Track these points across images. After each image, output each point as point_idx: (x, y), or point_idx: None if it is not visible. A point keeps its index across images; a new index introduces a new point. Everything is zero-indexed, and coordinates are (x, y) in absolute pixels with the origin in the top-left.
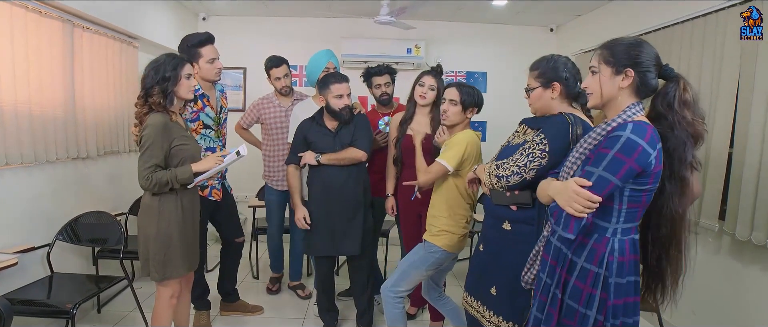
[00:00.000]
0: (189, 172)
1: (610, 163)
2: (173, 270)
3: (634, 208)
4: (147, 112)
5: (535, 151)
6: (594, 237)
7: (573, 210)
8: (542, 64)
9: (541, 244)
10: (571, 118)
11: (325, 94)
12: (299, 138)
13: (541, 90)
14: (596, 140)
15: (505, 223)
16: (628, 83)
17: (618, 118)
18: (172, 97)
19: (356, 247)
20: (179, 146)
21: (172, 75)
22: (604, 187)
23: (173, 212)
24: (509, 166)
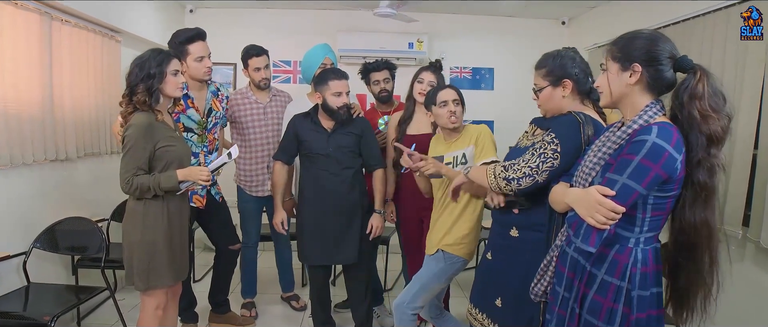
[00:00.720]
0: (173, 180)
1: (635, 170)
2: (158, 279)
3: (658, 216)
4: (132, 111)
5: (546, 152)
6: (615, 248)
7: (595, 221)
8: (549, 61)
9: (553, 254)
10: (581, 117)
11: (323, 91)
12: (290, 134)
13: (550, 89)
14: (617, 144)
15: (513, 230)
16: (636, 79)
17: (639, 119)
18: (157, 95)
19: (353, 255)
20: (165, 148)
21: (157, 72)
22: (629, 196)
23: (158, 218)
24: (520, 168)
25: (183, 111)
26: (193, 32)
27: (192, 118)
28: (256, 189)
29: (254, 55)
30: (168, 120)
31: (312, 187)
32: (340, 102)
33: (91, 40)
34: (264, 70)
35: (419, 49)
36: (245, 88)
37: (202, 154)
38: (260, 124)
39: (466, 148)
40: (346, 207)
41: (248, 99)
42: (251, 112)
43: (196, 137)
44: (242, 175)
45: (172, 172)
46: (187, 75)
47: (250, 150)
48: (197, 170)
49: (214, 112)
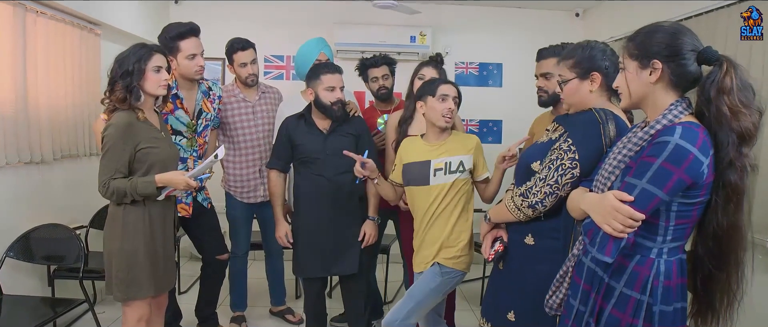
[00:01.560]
0: (151, 186)
1: (655, 174)
2: (138, 290)
3: (683, 225)
4: (114, 109)
5: (564, 163)
6: (636, 258)
7: (611, 229)
8: (578, 51)
9: (569, 264)
10: (602, 115)
11: (315, 86)
12: (283, 137)
13: (577, 82)
14: (638, 145)
15: (528, 237)
16: (657, 77)
17: (662, 119)
18: (137, 93)
19: (352, 265)
20: (147, 150)
21: (136, 68)
22: (649, 203)
23: (139, 224)
24: (540, 189)
25: (171, 112)
26: (186, 28)
27: (180, 120)
28: (247, 195)
29: (239, 49)
30: (153, 119)
31: (308, 194)
32: (334, 97)
33: (69, 34)
34: (250, 65)
35: (422, 43)
36: (231, 85)
37: (191, 159)
38: (249, 125)
39: (464, 156)
40: (345, 215)
41: (235, 97)
42: (239, 111)
43: (185, 141)
44: (231, 181)
45: (150, 176)
46: (177, 73)
47: (239, 153)
48: (178, 176)
49: (205, 113)
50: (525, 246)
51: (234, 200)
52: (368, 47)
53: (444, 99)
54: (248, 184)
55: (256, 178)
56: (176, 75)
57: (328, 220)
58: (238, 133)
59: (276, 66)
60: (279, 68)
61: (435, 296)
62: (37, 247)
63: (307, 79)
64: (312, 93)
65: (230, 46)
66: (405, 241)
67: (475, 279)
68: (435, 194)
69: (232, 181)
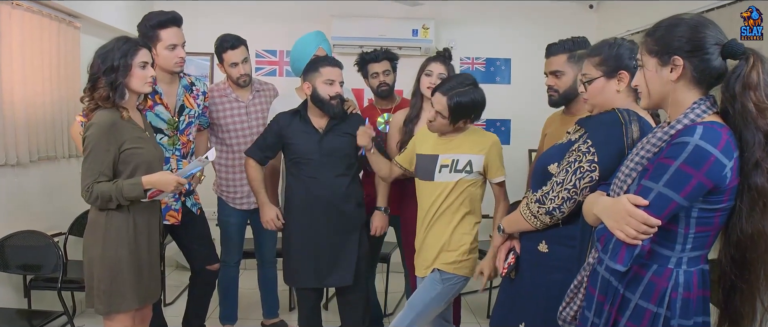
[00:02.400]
0: (138, 188)
1: (672, 176)
2: (122, 302)
3: (704, 233)
4: (95, 108)
5: (583, 166)
6: (652, 268)
7: (624, 235)
8: (605, 48)
9: (584, 274)
10: (625, 116)
11: (313, 79)
12: (273, 131)
13: (603, 81)
14: (657, 146)
15: (542, 244)
16: (678, 74)
17: (684, 118)
18: (122, 90)
19: (348, 276)
20: (131, 150)
21: (121, 63)
22: (665, 208)
23: (123, 231)
24: (557, 194)
25: (150, 108)
26: (168, 16)
27: (161, 117)
28: (240, 201)
29: (229, 48)
30: (137, 118)
31: (301, 198)
32: (333, 91)
33: (46, 27)
34: (242, 64)
35: (425, 36)
36: (223, 83)
37: (173, 159)
38: (243, 126)
39: (473, 155)
40: (341, 221)
41: (227, 97)
42: (232, 112)
43: (167, 139)
44: (224, 185)
45: (137, 178)
46: (156, 65)
47: (232, 156)
48: (167, 176)
49: (188, 109)
50: (538, 254)
51: (227, 206)
52: (367, 42)
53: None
54: (242, 189)
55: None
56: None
57: (323, 226)
58: (230, 135)
59: (269, 62)
60: (271, 64)
61: (437, 305)
62: (13, 256)
63: (305, 72)
64: (309, 87)
65: (219, 44)
66: (406, 248)
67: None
68: (438, 192)
69: (224, 185)
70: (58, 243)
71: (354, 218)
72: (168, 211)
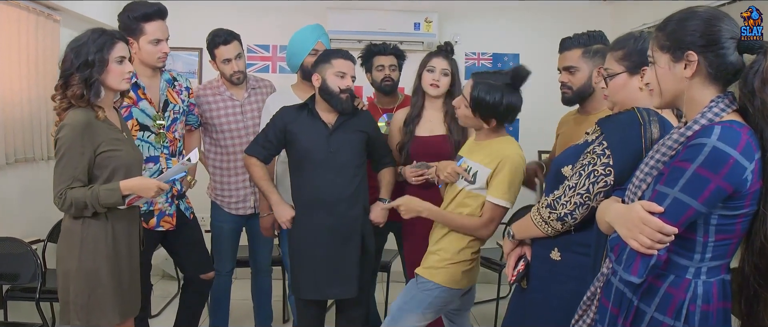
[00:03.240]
0: (116, 194)
1: (689, 181)
2: (101, 316)
3: (724, 241)
4: (67, 107)
5: (597, 169)
6: (669, 279)
7: (638, 244)
8: (629, 42)
9: (597, 285)
10: (644, 115)
11: (323, 71)
12: (277, 126)
13: (625, 76)
14: (673, 149)
15: (554, 252)
16: (692, 71)
17: (701, 118)
18: (98, 88)
19: (351, 288)
20: (108, 153)
21: (97, 58)
22: (682, 214)
23: (101, 241)
24: (570, 199)
25: (135, 103)
26: (153, 8)
27: (146, 112)
28: (236, 206)
29: (221, 43)
30: (113, 118)
31: (305, 199)
32: (343, 84)
33: (24, 20)
34: (235, 61)
35: (427, 30)
36: (216, 80)
37: (162, 158)
38: (238, 126)
39: (481, 166)
40: (345, 226)
41: (220, 95)
42: (226, 111)
43: (154, 136)
44: (218, 189)
45: (114, 183)
46: (137, 59)
47: (226, 158)
48: (147, 182)
49: (172, 105)
50: (550, 262)
51: (220, 211)
52: (366, 36)
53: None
54: (237, 193)
55: (246, 187)
56: (134, 61)
57: (327, 231)
58: (224, 136)
59: (261, 57)
60: (264, 59)
61: (410, 312)
62: None
63: (316, 63)
64: (319, 79)
65: (211, 39)
66: (408, 256)
67: (489, 300)
68: (449, 196)
69: (218, 189)
70: (36, 251)
71: (359, 222)
72: (162, 216)
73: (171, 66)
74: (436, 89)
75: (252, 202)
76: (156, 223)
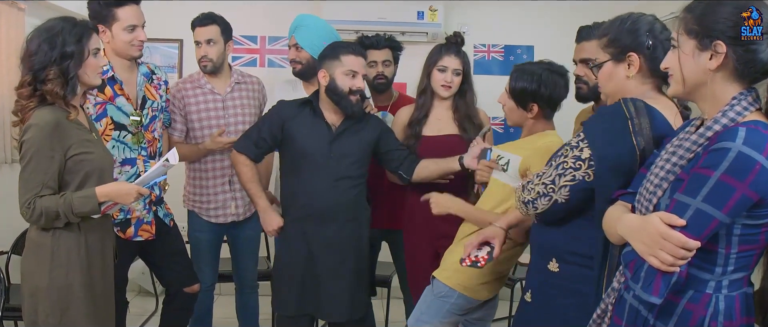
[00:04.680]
0: (91, 202)
1: (713, 190)
2: None
3: (748, 252)
4: (35, 106)
5: (566, 161)
6: (688, 294)
7: (659, 261)
8: (615, 26)
9: (608, 301)
10: (631, 108)
11: (331, 68)
12: (274, 122)
13: (611, 65)
14: (691, 151)
15: (552, 262)
16: (718, 63)
17: (722, 117)
18: (74, 84)
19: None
20: (80, 156)
21: (76, 50)
22: (705, 227)
23: (73, 254)
24: (534, 187)
25: (111, 100)
26: None
27: (123, 110)
28: (216, 213)
29: (197, 25)
30: (82, 117)
31: (296, 207)
32: (355, 84)
33: None
34: (205, 45)
35: (432, 20)
36: (197, 73)
37: (140, 160)
38: (219, 123)
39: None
40: (339, 241)
41: (201, 88)
42: (207, 106)
43: (131, 137)
44: (195, 195)
45: (89, 190)
46: (110, 49)
47: (205, 159)
48: (125, 187)
49: (150, 101)
50: (547, 273)
51: (198, 220)
52: (364, 26)
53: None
54: (216, 198)
55: (227, 192)
56: (108, 52)
57: (321, 243)
58: (203, 134)
59: (247, 49)
60: (251, 52)
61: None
62: None
63: (322, 58)
64: (326, 76)
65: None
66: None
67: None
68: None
69: (196, 195)
70: None
71: (357, 238)
72: (140, 225)
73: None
74: (447, 90)
75: (233, 209)
76: (134, 233)
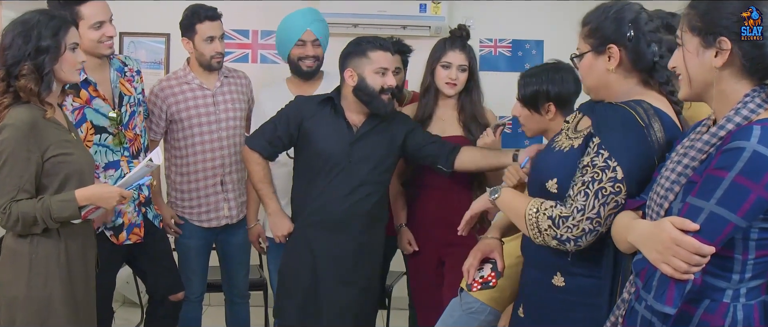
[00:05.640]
0: (71, 206)
1: (727, 192)
2: None
3: (766, 258)
4: (9, 104)
5: (605, 187)
6: (704, 304)
7: (672, 269)
8: (598, 14)
9: (619, 313)
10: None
11: (360, 67)
12: (292, 119)
13: (591, 57)
14: (703, 152)
15: (557, 277)
16: (724, 60)
17: (734, 115)
18: (49, 80)
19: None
20: (59, 157)
21: (52, 44)
22: (720, 231)
23: (53, 262)
24: (577, 223)
25: (88, 103)
26: None
27: (101, 112)
28: (206, 217)
29: (207, 18)
30: (60, 116)
31: (309, 213)
32: (387, 83)
33: None
34: (219, 41)
35: (435, 12)
36: (182, 69)
37: (123, 162)
38: (208, 120)
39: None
40: (358, 251)
41: (189, 84)
42: (196, 102)
43: (112, 138)
44: (181, 198)
45: (68, 193)
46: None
47: (194, 158)
48: (107, 189)
49: (127, 97)
50: (553, 289)
51: (187, 226)
52: (363, 19)
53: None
54: (207, 201)
55: (218, 193)
56: None
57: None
58: (193, 132)
59: (239, 44)
60: (243, 47)
61: None
62: None
63: (346, 56)
64: (353, 75)
65: (192, 13)
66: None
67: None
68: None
69: (182, 197)
70: None
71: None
72: (131, 229)
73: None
74: (453, 88)
75: (226, 211)
76: (125, 238)
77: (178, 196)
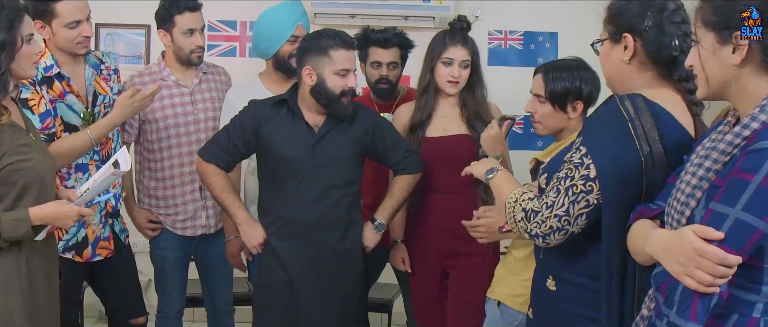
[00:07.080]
0: (24, 226)
1: (753, 197)
2: None
3: None
4: None
5: (576, 183)
6: (732, 319)
7: (695, 282)
8: (617, 2)
9: None
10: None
11: (320, 66)
12: (246, 126)
13: (608, 45)
14: (727, 154)
15: (549, 280)
16: (742, 57)
17: (760, 113)
18: (5, 81)
19: None
20: (16, 165)
21: (7, 39)
22: (746, 239)
23: (12, 277)
24: (544, 219)
25: (61, 97)
26: None
27: (73, 109)
28: (183, 225)
29: (186, 10)
30: (16, 116)
31: (278, 222)
32: (348, 85)
33: None
34: (200, 34)
35: (440, 2)
36: (157, 64)
37: (92, 166)
38: (186, 120)
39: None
40: (332, 257)
41: (164, 80)
42: (172, 100)
43: None
44: (156, 205)
45: (21, 211)
46: (53, 45)
47: (170, 162)
48: (64, 208)
49: (102, 96)
50: (546, 291)
51: (163, 234)
52: (361, 9)
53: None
54: (185, 209)
55: (196, 200)
56: (49, 47)
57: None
58: (168, 134)
59: (226, 36)
60: (230, 40)
61: None
62: None
63: (305, 51)
64: (312, 75)
65: (171, 4)
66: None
67: None
68: None
69: (159, 205)
70: None
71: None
72: (98, 243)
73: (111, 48)
74: (455, 87)
75: (204, 220)
76: (92, 254)
77: (152, 203)
